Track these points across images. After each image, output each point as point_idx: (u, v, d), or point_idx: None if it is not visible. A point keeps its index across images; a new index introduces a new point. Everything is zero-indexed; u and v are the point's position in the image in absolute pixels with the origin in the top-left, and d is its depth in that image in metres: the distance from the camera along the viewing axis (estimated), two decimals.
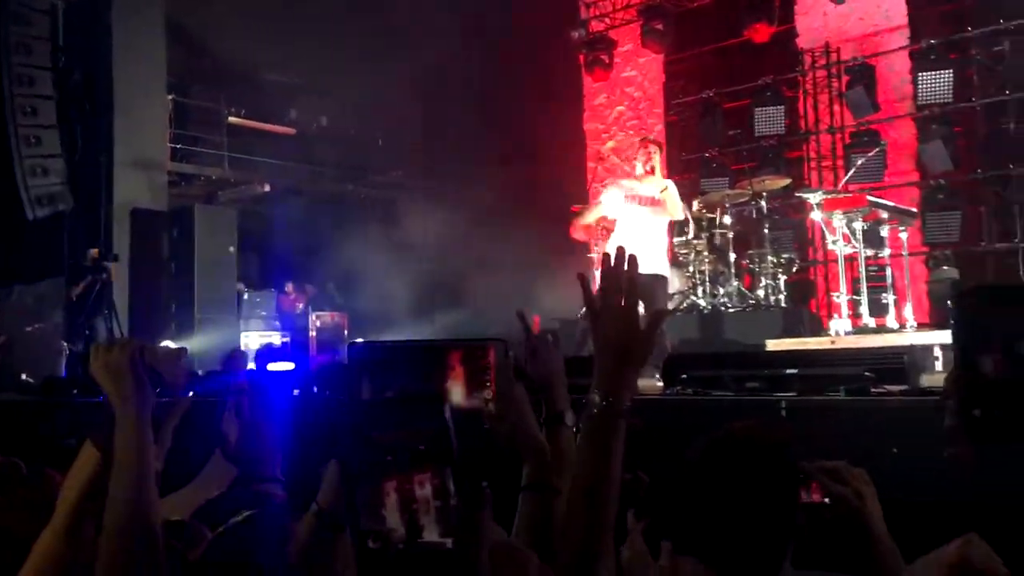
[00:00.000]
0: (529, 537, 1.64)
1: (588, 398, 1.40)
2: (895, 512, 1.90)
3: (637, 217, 6.83)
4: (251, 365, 2.96)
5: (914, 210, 8.70)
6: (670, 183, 6.90)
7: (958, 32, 9.41)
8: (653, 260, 6.76)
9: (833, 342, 7.02)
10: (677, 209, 6.94)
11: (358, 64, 10.82)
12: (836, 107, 10.48)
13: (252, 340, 11.09)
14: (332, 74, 11.53)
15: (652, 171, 6.88)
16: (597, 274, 8.49)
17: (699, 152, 11.12)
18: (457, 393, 1.63)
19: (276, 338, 11.28)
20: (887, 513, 1.78)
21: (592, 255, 10.20)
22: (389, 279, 10.83)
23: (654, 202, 6.83)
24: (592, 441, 1.42)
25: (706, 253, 8.89)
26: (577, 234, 8.25)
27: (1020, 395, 0.86)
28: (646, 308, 6.93)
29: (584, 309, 1.14)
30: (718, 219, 8.86)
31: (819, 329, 8.21)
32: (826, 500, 1.68)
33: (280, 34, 11.37)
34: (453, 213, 10.23)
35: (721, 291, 8.86)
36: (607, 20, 12.19)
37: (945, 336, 6.65)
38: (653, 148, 7.02)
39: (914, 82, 9.50)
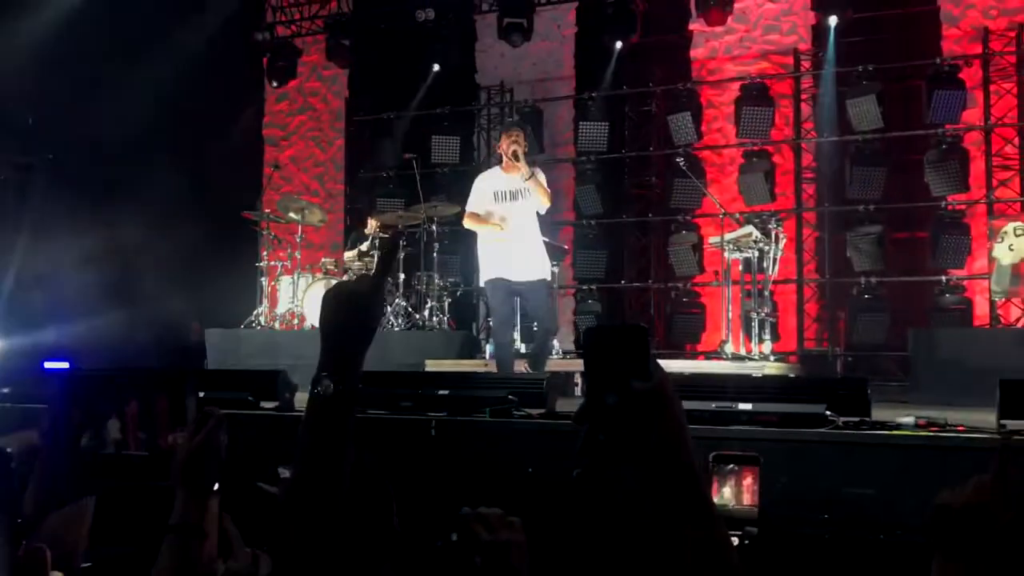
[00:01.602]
0: None
1: (317, 382, 1.33)
2: (533, 530, 2.06)
3: (507, 216, 6.43)
4: None
5: (565, 247, 9.48)
6: (536, 169, 6.47)
7: (615, 89, 10.40)
8: (532, 263, 6.38)
9: (486, 365, 7.41)
10: (545, 197, 6.37)
11: None
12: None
13: None
14: None
15: (516, 159, 6.33)
16: (263, 283, 8.08)
17: (376, 171, 11.28)
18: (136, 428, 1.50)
19: None
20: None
21: (261, 264, 9.95)
22: (25, 273, 9.76)
23: (523, 195, 6.39)
24: (323, 428, 1.32)
25: None
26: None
27: (636, 420, 0.98)
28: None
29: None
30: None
31: (476, 352, 8.62)
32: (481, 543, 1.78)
33: None
34: (108, 205, 9.45)
35: (388, 310, 9.03)
36: (293, 27, 12.01)
37: None
38: (515, 134, 6.46)
39: (575, 129, 10.37)
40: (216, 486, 1.73)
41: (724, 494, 1.55)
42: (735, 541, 1.57)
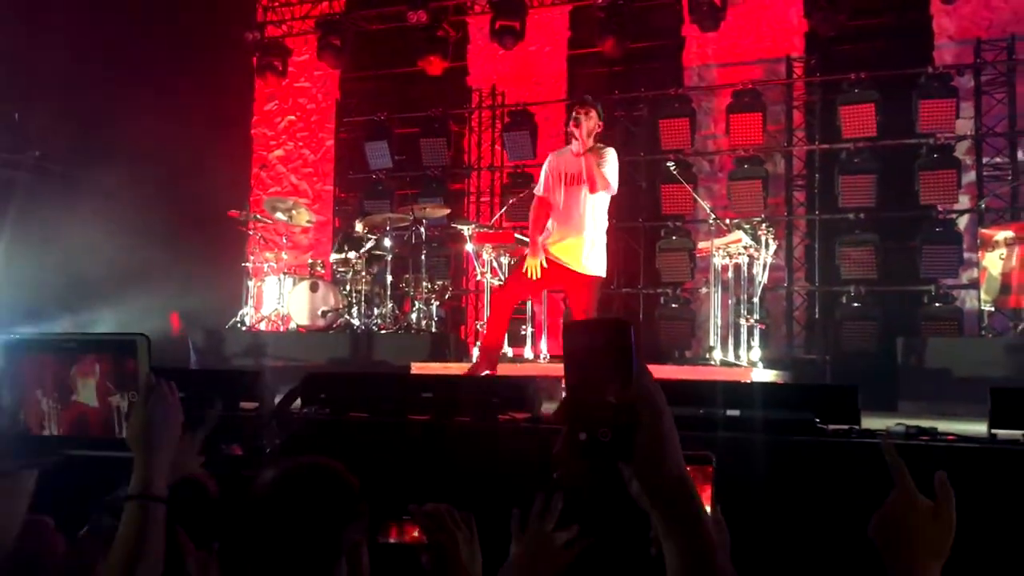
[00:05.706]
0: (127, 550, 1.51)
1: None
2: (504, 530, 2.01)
3: (565, 200, 6.03)
4: None
5: None
6: (603, 153, 6.01)
7: (607, 94, 10.34)
8: (577, 253, 5.93)
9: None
10: (599, 182, 5.88)
11: None
12: (498, 146, 11.05)
13: None
14: None
15: (582, 140, 5.98)
16: (249, 284, 7.96)
17: (366, 172, 11.20)
18: (88, 394, 1.56)
19: None
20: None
21: (247, 264, 9.87)
22: (6, 272, 9.67)
23: (582, 180, 5.91)
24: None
25: (364, 273, 8.98)
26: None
27: (623, 419, 0.92)
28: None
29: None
30: (379, 241, 8.99)
31: (464, 355, 8.55)
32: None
33: None
34: (96, 205, 9.36)
35: (375, 312, 8.96)
36: (284, 27, 11.94)
37: None
38: (582, 112, 6.05)
39: (566, 133, 10.28)
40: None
41: None
42: None
